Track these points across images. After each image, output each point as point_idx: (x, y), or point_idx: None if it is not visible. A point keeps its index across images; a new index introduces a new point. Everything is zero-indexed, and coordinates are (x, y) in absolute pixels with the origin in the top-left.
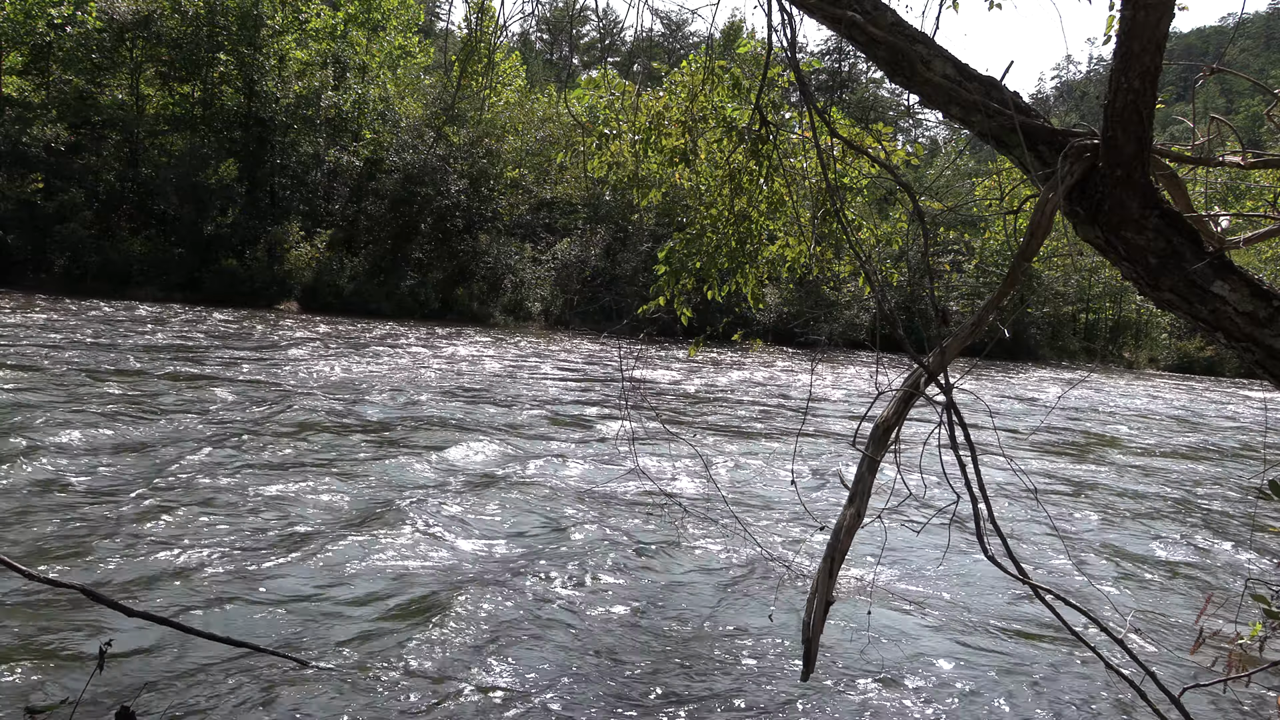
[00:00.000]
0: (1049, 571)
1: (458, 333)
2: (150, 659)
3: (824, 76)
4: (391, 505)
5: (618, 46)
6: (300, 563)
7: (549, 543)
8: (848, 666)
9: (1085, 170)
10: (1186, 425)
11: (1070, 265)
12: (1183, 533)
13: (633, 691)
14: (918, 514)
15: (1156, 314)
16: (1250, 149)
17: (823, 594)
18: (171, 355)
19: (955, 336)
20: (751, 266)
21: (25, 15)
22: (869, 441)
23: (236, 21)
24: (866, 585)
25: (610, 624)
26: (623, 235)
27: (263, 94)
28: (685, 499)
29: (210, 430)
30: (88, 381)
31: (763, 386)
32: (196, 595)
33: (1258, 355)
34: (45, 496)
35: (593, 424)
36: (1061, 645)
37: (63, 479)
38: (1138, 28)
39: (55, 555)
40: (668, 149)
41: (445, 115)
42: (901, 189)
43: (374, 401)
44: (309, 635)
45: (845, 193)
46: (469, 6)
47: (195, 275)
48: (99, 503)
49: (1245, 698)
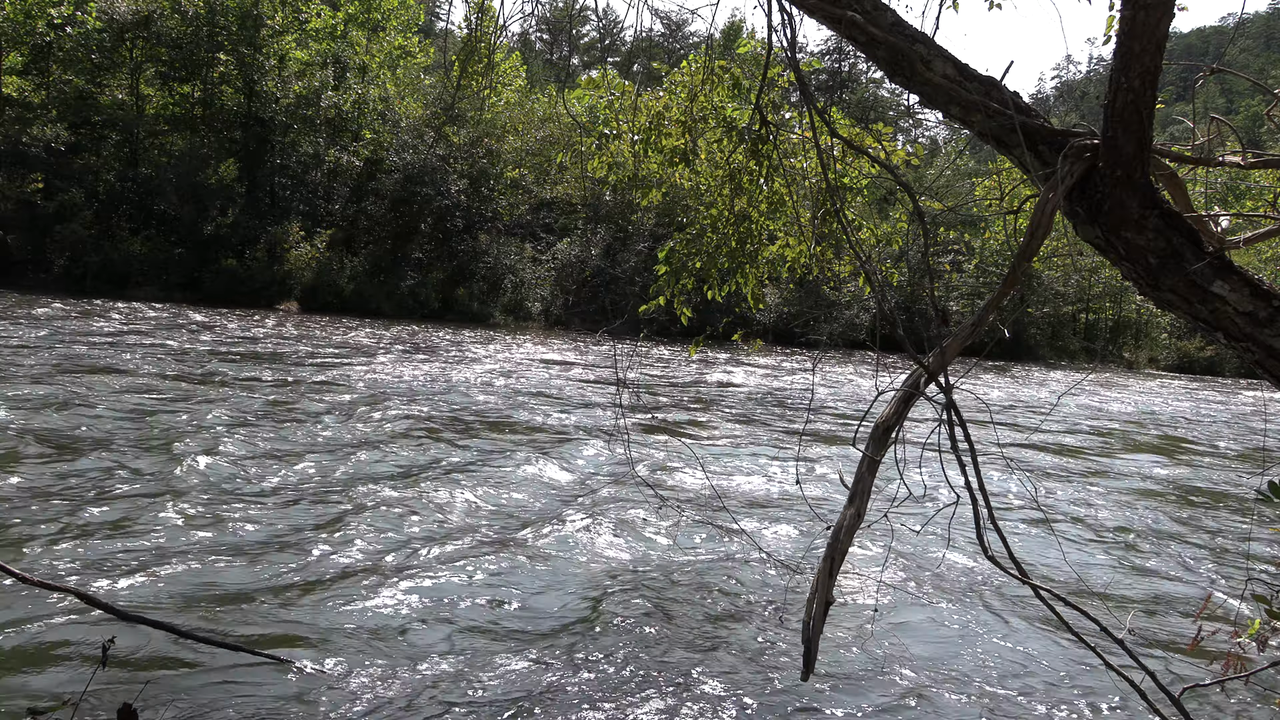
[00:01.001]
0: (1048, 571)
1: (489, 336)
2: (150, 659)
3: (824, 76)
4: (383, 506)
5: (618, 46)
6: (301, 563)
7: (542, 544)
8: (848, 666)
9: (1085, 170)
10: (1186, 425)
11: (1070, 265)
12: (1182, 533)
13: (632, 691)
14: (918, 514)
15: (1156, 314)
16: (1250, 149)
17: (822, 594)
18: (258, 361)
19: (955, 336)
20: (751, 266)
21: (25, 15)
22: (869, 441)
23: (236, 21)
24: (867, 585)
25: (609, 624)
26: (622, 235)
27: (263, 94)
28: (683, 500)
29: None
30: (232, 391)
31: (762, 386)
32: (198, 595)
33: (1258, 355)
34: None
35: (590, 425)
36: (1061, 645)
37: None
38: (1138, 28)
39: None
40: (668, 149)
41: (445, 115)
42: (901, 189)
43: (321, 404)
44: (309, 635)
45: (845, 193)
46: (469, 6)
47: (195, 275)
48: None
49: (1244, 698)
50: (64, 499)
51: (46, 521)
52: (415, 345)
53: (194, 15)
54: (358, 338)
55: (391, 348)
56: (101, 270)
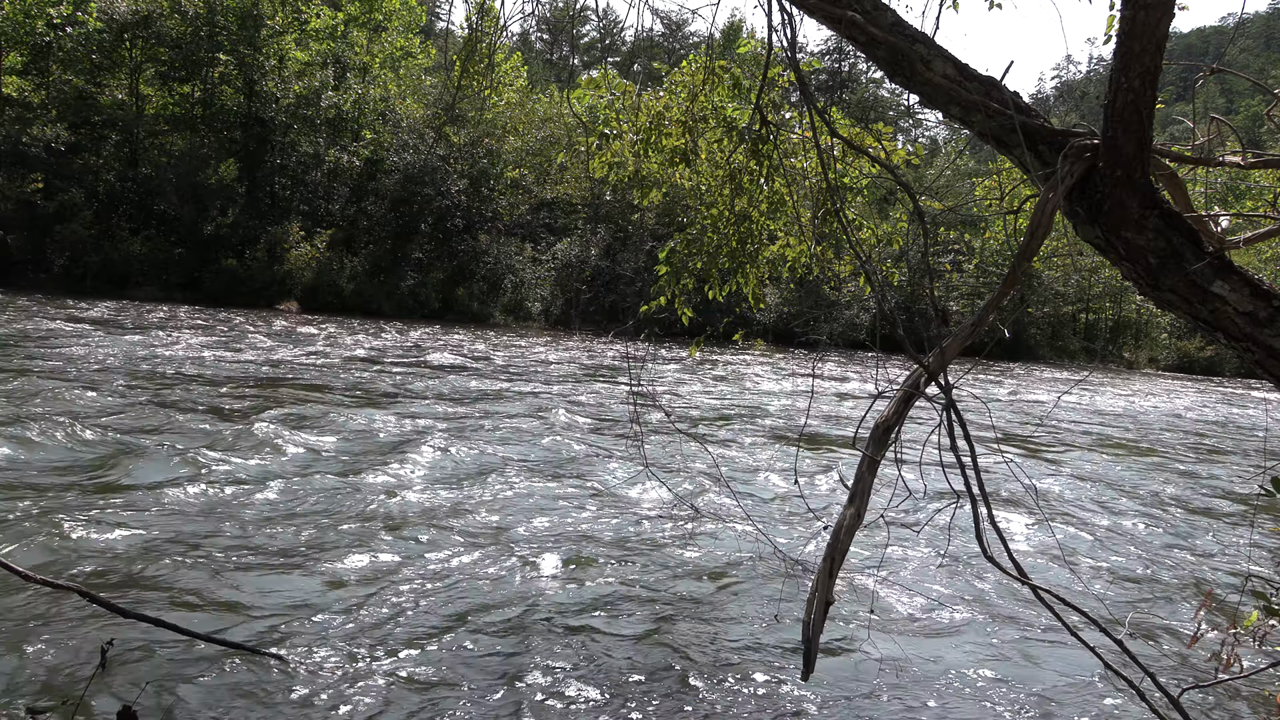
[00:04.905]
0: (1048, 571)
1: (484, 334)
2: (151, 659)
3: (824, 76)
4: (384, 505)
5: (618, 46)
6: (302, 563)
7: (550, 541)
8: (848, 666)
9: (1085, 170)
10: (1186, 424)
11: (1070, 265)
12: (1182, 532)
13: (633, 690)
14: (918, 514)
15: (1156, 314)
16: (1250, 149)
17: (823, 594)
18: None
19: (955, 336)
20: (752, 266)
21: (25, 15)
22: (869, 441)
23: (236, 21)
24: (867, 585)
25: (610, 624)
26: (623, 235)
27: (263, 94)
28: (688, 498)
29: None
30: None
31: (762, 386)
32: (198, 596)
33: (1258, 355)
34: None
35: (597, 424)
36: (1061, 645)
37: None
38: (1138, 28)
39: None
40: (668, 149)
41: (446, 115)
42: (901, 189)
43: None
44: (310, 635)
45: (845, 193)
46: (469, 7)
47: (195, 275)
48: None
49: (1244, 697)
50: (65, 498)
51: (47, 521)
52: (416, 345)
53: (194, 15)
54: (358, 338)
55: (389, 350)
56: (101, 270)
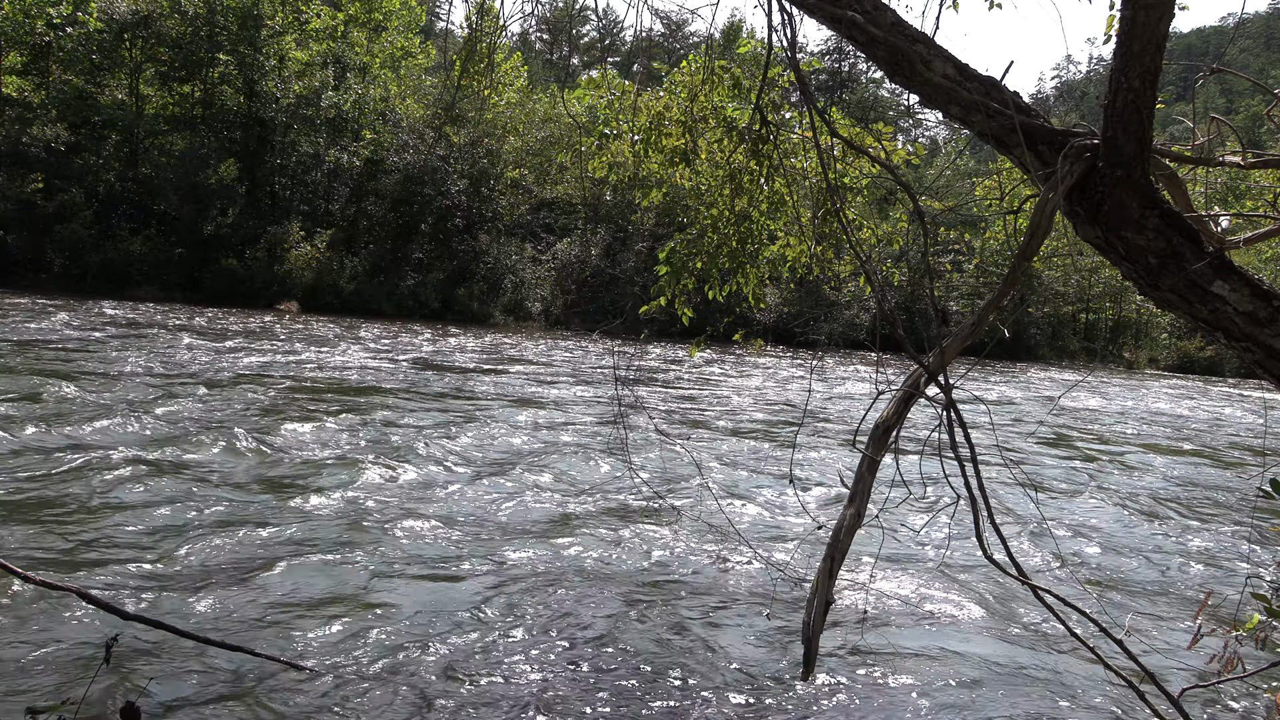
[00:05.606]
0: (1047, 571)
1: (479, 333)
2: (153, 660)
3: (824, 76)
4: (384, 509)
5: (618, 46)
6: (302, 563)
7: (542, 545)
8: (848, 666)
9: (1085, 170)
10: (1186, 425)
11: (1070, 265)
12: (1182, 532)
13: (632, 692)
14: (918, 514)
15: (1156, 314)
16: (1250, 149)
17: (822, 594)
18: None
19: (955, 336)
20: (752, 266)
21: (25, 15)
22: (869, 441)
23: (236, 21)
24: (867, 585)
25: (609, 626)
26: (622, 235)
27: (263, 94)
28: (681, 501)
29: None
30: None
31: (762, 387)
32: (200, 595)
33: (1258, 355)
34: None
35: (586, 427)
36: (1061, 646)
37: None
38: (1138, 28)
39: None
40: (668, 149)
41: (446, 115)
42: (901, 189)
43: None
44: (307, 637)
45: (845, 193)
46: (469, 7)
47: (195, 275)
48: None
49: (1243, 697)
50: (66, 498)
51: (48, 521)
52: (417, 345)
53: (194, 15)
54: (356, 335)
55: (386, 352)
56: (101, 270)
